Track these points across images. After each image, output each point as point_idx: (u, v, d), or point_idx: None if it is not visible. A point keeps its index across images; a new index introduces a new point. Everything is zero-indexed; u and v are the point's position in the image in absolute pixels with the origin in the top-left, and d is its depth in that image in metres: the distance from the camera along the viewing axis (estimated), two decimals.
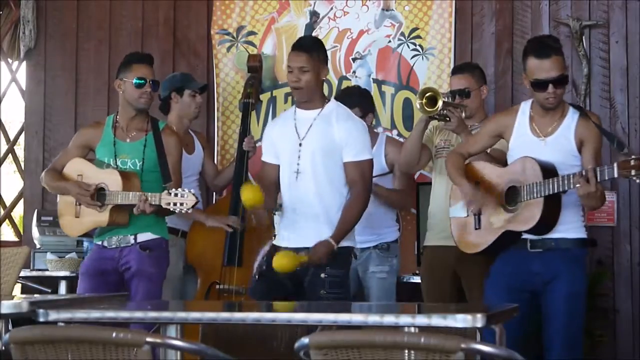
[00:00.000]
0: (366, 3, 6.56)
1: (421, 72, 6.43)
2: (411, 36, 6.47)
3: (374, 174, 5.36)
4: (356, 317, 3.43)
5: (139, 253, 5.08)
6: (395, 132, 6.43)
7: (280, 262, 4.67)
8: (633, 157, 4.20)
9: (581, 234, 4.63)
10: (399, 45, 6.49)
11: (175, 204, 4.84)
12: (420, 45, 6.45)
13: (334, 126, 4.80)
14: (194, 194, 4.83)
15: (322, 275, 4.71)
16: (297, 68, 4.79)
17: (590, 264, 6.18)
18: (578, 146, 4.58)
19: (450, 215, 4.93)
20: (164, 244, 5.20)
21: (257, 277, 4.82)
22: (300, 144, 4.81)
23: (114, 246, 5.12)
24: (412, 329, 3.29)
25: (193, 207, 4.87)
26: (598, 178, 4.28)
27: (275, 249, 4.85)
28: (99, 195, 5.07)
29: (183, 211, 4.87)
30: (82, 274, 5.22)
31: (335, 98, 5.54)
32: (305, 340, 3.01)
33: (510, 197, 4.61)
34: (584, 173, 4.32)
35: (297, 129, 4.83)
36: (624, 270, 6.20)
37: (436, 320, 3.27)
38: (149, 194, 4.90)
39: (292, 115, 4.92)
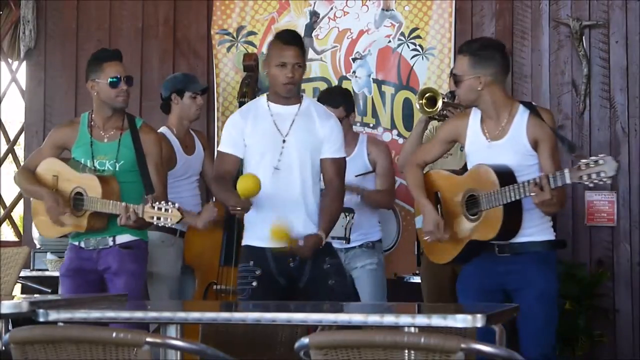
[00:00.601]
0: (366, 3, 6.56)
1: (421, 72, 6.43)
2: (411, 36, 6.47)
3: (357, 174, 5.36)
4: (356, 317, 3.43)
5: (119, 252, 4.96)
6: (395, 132, 6.44)
7: (275, 235, 4.54)
8: (582, 161, 4.08)
9: (549, 235, 4.51)
10: (399, 45, 6.49)
11: (159, 218, 4.70)
12: (420, 45, 6.46)
13: (316, 123, 4.74)
14: (179, 209, 4.68)
15: (325, 266, 4.67)
16: (293, 64, 4.68)
17: (590, 264, 6.19)
18: (533, 145, 4.41)
19: (417, 226, 4.85)
20: (144, 244, 5.08)
21: (253, 283, 4.69)
22: (284, 140, 4.70)
23: (91, 247, 5.00)
24: (412, 329, 3.29)
25: (178, 222, 4.73)
26: (552, 185, 4.18)
27: (248, 249, 4.72)
28: (76, 200, 4.95)
29: (167, 226, 4.77)
30: (62, 275, 5.09)
31: (318, 99, 5.55)
32: (305, 340, 3.02)
33: (471, 205, 4.48)
34: (537, 181, 4.21)
35: (277, 125, 4.72)
36: (624, 270, 6.20)
37: (436, 320, 3.27)
38: (133, 206, 4.76)
39: (266, 110, 4.77)
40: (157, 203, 4.71)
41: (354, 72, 6.53)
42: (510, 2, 6.44)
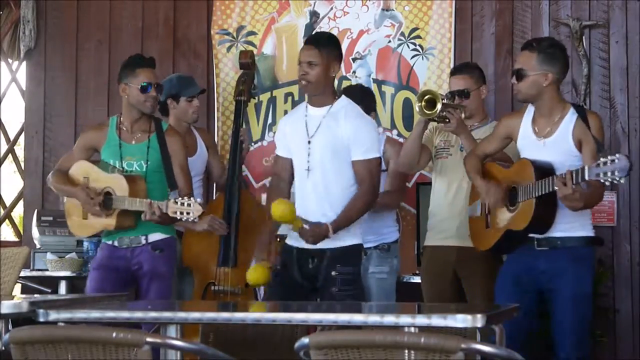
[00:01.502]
0: (366, 3, 6.56)
1: (421, 72, 6.43)
2: (411, 36, 6.47)
3: None
4: (356, 317, 3.43)
5: (151, 253, 5.15)
6: (395, 132, 6.43)
7: (277, 210, 4.65)
8: (601, 159, 4.24)
9: (587, 232, 4.69)
10: (399, 45, 6.49)
11: (182, 213, 4.87)
12: (420, 45, 6.45)
13: (341, 124, 4.80)
14: (200, 204, 4.86)
15: (333, 273, 4.73)
16: (306, 62, 4.80)
17: None
18: (577, 146, 4.61)
19: (469, 214, 5.04)
20: (174, 242, 5.29)
21: (274, 277, 4.78)
22: (309, 142, 4.82)
23: (125, 246, 5.18)
24: (412, 329, 3.29)
25: (200, 216, 4.91)
26: (573, 180, 4.33)
27: (285, 247, 4.86)
28: (105, 199, 5.12)
29: (189, 220, 4.90)
30: (94, 268, 5.25)
31: None
32: (305, 340, 3.02)
33: (512, 197, 4.69)
34: (562, 175, 4.38)
35: (307, 127, 4.84)
36: (624, 270, 6.20)
37: (436, 320, 3.28)
38: (157, 202, 4.93)
39: (303, 111, 4.92)
40: (180, 199, 4.88)
41: (354, 72, 6.53)
42: (510, 2, 6.44)
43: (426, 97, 5.08)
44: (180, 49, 6.88)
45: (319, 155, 4.79)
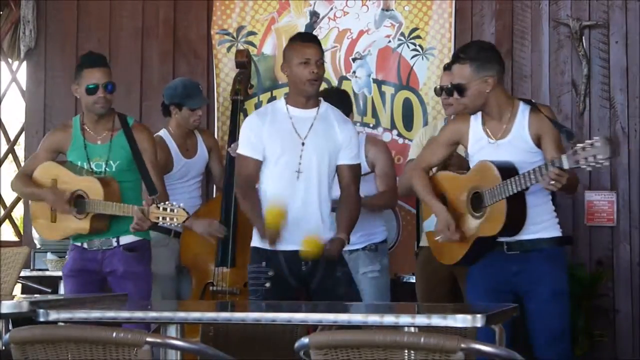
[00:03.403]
0: (366, 3, 6.55)
1: (421, 72, 6.43)
2: (411, 36, 6.47)
3: None
4: (356, 317, 3.44)
5: (124, 254, 5.01)
6: (395, 132, 6.43)
7: (310, 248, 4.54)
8: (578, 145, 4.11)
9: (556, 232, 4.56)
10: (399, 45, 6.49)
11: (164, 218, 4.73)
12: (420, 46, 6.45)
13: (335, 127, 4.76)
14: (184, 209, 4.71)
15: (337, 274, 4.70)
16: (316, 60, 4.70)
17: (590, 263, 6.19)
18: (536, 142, 4.46)
19: (426, 230, 4.87)
20: (147, 244, 5.13)
21: (266, 284, 4.69)
22: (303, 144, 4.72)
23: (95, 248, 5.04)
24: (412, 329, 3.29)
25: (184, 222, 4.76)
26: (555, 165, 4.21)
27: (257, 250, 4.72)
28: (77, 202, 4.97)
29: (172, 226, 4.78)
30: (65, 276, 5.13)
31: None
32: (305, 340, 3.02)
33: (476, 203, 4.51)
34: (546, 167, 4.22)
35: (296, 128, 4.73)
36: (623, 270, 6.20)
37: (436, 320, 3.28)
38: (140, 207, 4.78)
39: (285, 113, 4.76)
40: (162, 203, 4.74)
41: (354, 72, 6.53)
42: (510, 2, 6.44)
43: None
44: (180, 49, 6.88)
45: (315, 158, 4.70)
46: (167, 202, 4.75)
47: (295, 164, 4.70)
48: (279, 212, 4.57)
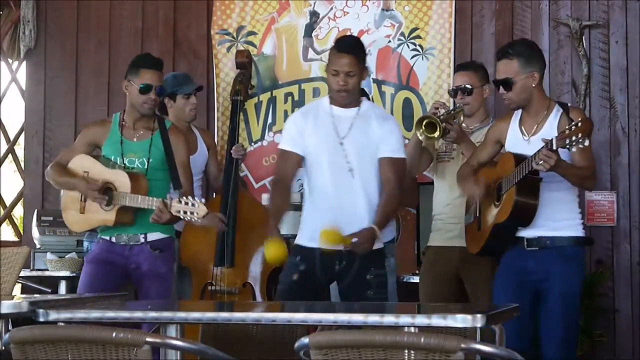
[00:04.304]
0: (366, 3, 6.56)
1: (421, 72, 6.43)
2: (411, 36, 6.47)
3: None
4: (356, 317, 3.43)
5: (150, 253, 5.11)
6: None
7: (327, 238, 4.57)
8: (566, 129, 4.28)
9: (577, 232, 4.66)
10: (399, 45, 6.49)
11: (185, 212, 4.84)
12: (420, 45, 6.45)
13: (373, 124, 4.79)
14: (204, 204, 4.83)
15: (368, 276, 4.70)
16: (346, 72, 4.71)
17: (590, 263, 6.19)
18: None
19: (465, 223, 5.06)
20: (173, 242, 5.26)
21: (294, 276, 4.72)
22: (341, 143, 4.75)
23: (122, 243, 5.14)
24: (412, 329, 3.29)
25: (204, 217, 4.86)
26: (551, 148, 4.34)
27: (298, 247, 4.79)
28: (105, 192, 5.08)
29: (193, 220, 4.87)
30: (88, 261, 5.22)
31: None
32: (305, 340, 3.02)
33: (499, 192, 4.71)
34: (542, 152, 4.36)
35: (337, 128, 4.77)
36: (623, 270, 6.20)
37: (436, 320, 3.27)
38: (163, 200, 4.89)
39: (328, 112, 4.82)
40: (184, 198, 4.85)
41: None
42: (510, 2, 6.44)
43: (425, 122, 5.11)
44: (180, 49, 6.88)
45: (355, 157, 4.73)
46: (189, 197, 4.86)
47: (342, 163, 4.74)
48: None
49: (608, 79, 6.29)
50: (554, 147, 4.32)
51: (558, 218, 4.60)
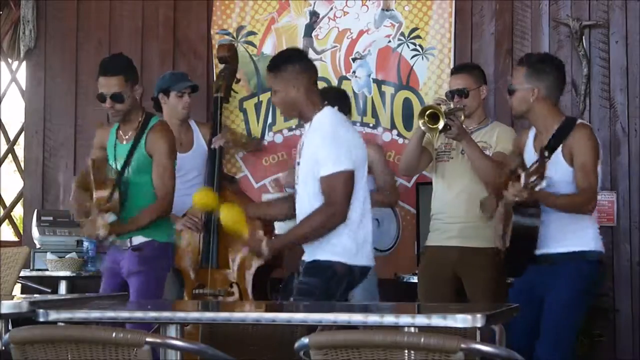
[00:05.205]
0: (366, 3, 6.55)
1: (421, 72, 6.43)
2: (411, 36, 6.47)
3: None
4: (356, 317, 3.44)
5: (130, 254, 5.04)
6: (395, 132, 6.43)
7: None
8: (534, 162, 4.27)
9: (574, 247, 4.60)
10: (399, 45, 6.48)
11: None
12: (420, 45, 6.45)
13: (307, 141, 4.54)
14: (105, 223, 4.82)
15: (295, 281, 4.70)
16: (272, 89, 4.58)
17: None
18: (569, 160, 4.57)
19: None
20: (156, 245, 5.08)
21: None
22: (298, 163, 4.58)
23: (117, 250, 5.10)
24: (412, 329, 3.29)
25: (105, 238, 4.90)
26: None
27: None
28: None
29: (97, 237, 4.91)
30: (102, 272, 5.26)
31: None
32: (305, 340, 3.02)
33: None
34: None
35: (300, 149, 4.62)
36: (624, 270, 6.19)
37: (436, 321, 3.28)
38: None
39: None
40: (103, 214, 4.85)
41: (354, 72, 6.53)
42: (510, 2, 6.44)
43: (427, 112, 5.09)
44: (180, 49, 6.88)
45: (301, 174, 4.54)
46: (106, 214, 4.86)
47: (294, 183, 4.64)
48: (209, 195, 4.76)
49: (608, 79, 6.29)
50: (523, 183, 4.26)
51: (557, 237, 4.58)
